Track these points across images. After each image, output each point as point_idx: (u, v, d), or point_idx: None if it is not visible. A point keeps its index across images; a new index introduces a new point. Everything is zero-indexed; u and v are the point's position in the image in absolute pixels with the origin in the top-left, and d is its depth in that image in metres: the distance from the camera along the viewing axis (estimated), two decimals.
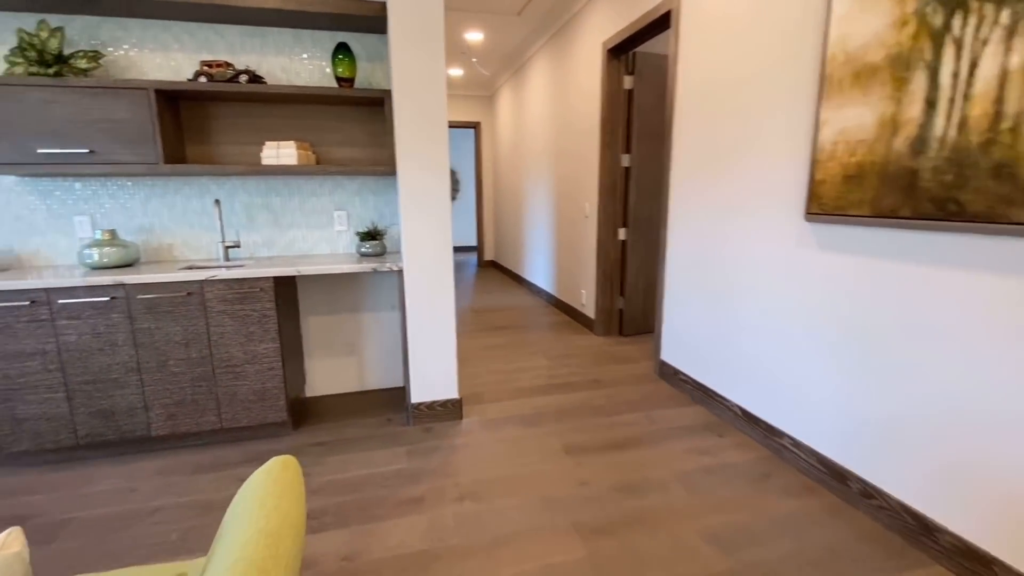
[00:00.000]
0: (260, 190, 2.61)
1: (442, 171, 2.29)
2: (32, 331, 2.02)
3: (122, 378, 2.13)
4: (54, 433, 2.11)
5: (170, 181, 2.50)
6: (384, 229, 2.81)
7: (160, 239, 2.53)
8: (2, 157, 2.08)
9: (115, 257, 2.27)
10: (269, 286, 2.21)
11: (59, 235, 2.42)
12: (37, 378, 2.05)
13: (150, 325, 2.12)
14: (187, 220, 2.55)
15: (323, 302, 2.78)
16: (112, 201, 2.45)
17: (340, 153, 2.67)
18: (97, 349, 2.09)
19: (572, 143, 4.27)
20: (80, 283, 2.01)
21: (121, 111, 2.15)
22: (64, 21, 2.26)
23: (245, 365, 2.25)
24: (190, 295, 2.14)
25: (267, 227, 2.65)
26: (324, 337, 2.81)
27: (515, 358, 3.45)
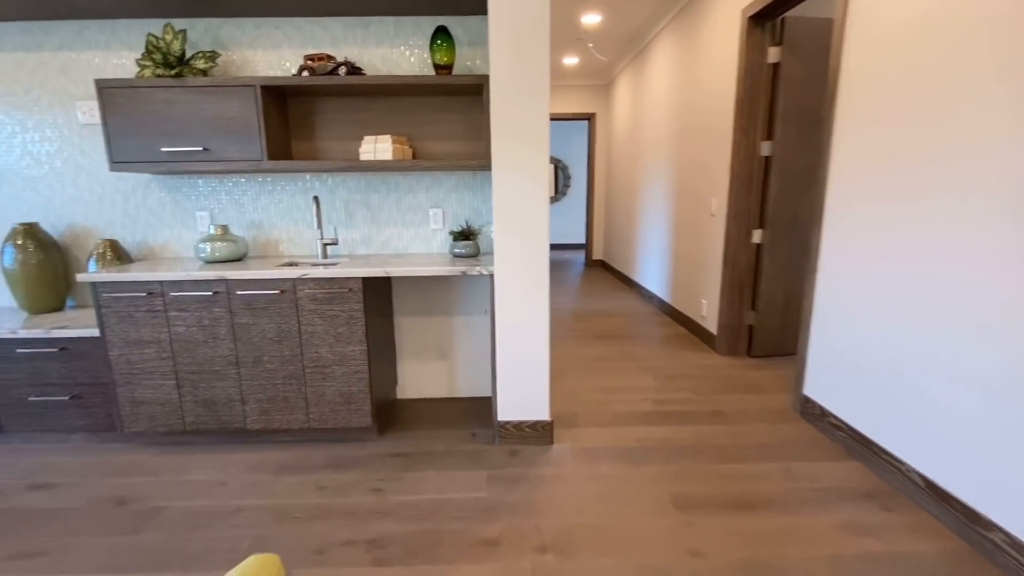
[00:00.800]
0: (360, 187, 2.55)
1: (540, 167, 2.01)
2: (149, 320, 2.13)
3: (222, 370, 2.18)
4: (165, 417, 2.22)
5: (277, 177, 2.54)
6: (479, 229, 2.61)
7: (268, 234, 2.59)
8: (134, 155, 2.22)
9: (225, 252, 2.34)
10: (358, 287, 2.11)
11: (184, 228, 2.58)
12: (152, 364, 2.17)
13: (247, 320, 2.13)
14: (292, 216, 2.57)
15: (416, 303, 2.66)
16: (228, 197, 2.55)
17: (438, 147, 2.51)
18: (202, 341, 2.15)
19: (698, 131, 3.73)
20: (187, 277, 2.08)
21: (231, 109, 2.19)
22: (189, 24, 2.37)
23: (333, 366, 2.18)
24: (283, 293, 2.11)
25: (365, 224, 2.59)
26: (416, 339, 2.70)
27: (618, 374, 3.07)
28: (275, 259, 2.47)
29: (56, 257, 2.44)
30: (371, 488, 1.94)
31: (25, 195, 2.52)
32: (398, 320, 2.68)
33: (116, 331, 2.13)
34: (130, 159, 2.23)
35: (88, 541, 1.67)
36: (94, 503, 1.87)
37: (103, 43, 2.37)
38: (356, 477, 2.02)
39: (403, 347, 2.71)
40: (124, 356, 2.16)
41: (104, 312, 2.12)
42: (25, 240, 2.36)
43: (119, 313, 2.12)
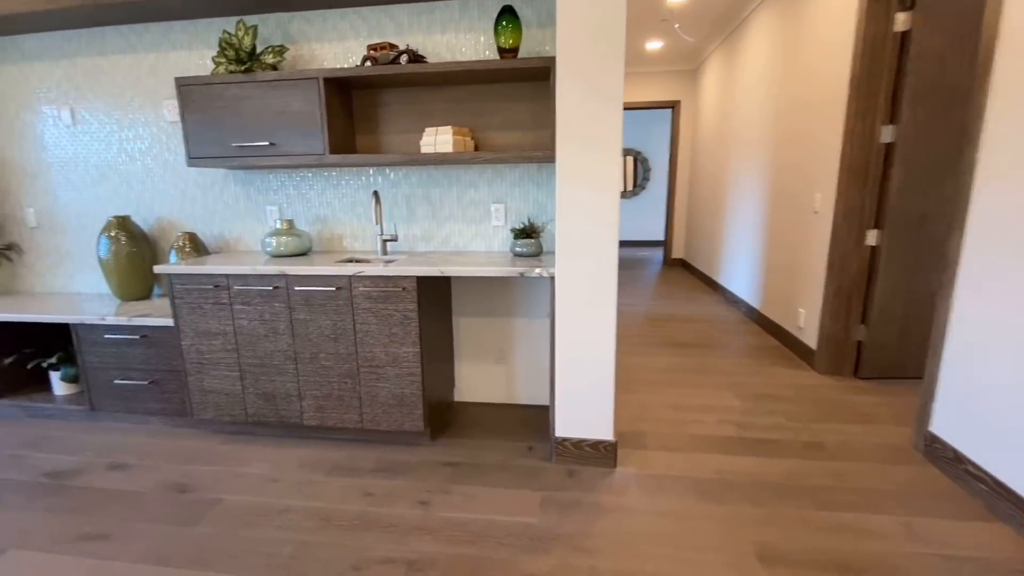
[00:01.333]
0: (421, 181, 2.46)
1: (611, 158, 1.78)
2: (216, 312, 2.17)
3: (281, 365, 2.18)
4: (229, 407, 2.27)
5: (341, 172, 2.51)
6: (542, 226, 2.42)
7: (332, 229, 2.58)
8: (208, 151, 2.28)
9: (290, 246, 2.34)
10: (412, 286, 2.01)
11: (255, 222, 2.63)
12: (219, 356, 2.22)
13: (305, 316, 2.11)
14: (355, 211, 2.54)
15: (475, 303, 2.53)
16: (295, 191, 2.57)
17: (501, 138, 2.35)
18: (263, 335, 2.16)
19: (800, 115, 3.27)
20: (250, 271, 2.09)
21: (295, 102, 2.17)
22: (261, 20, 2.39)
23: (386, 367, 2.11)
24: (339, 290, 2.06)
25: (425, 220, 2.50)
26: (474, 341, 2.57)
27: (696, 390, 2.76)
28: (338, 254, 2.45)
29: (145, 248, 2.59)
30: (417, 500, 1.83)
31: (121, 190, 2.70)
32: (457, 320, 2.57)
33: (187, 322, 2.20)
34: (205, 155, 2.29)
35: (147, 529, 1.71)
36: (160, 488, 1.93)
37: (186, 43, 2.46)
38: (404, 485, 1.92)
39: (461, 348, 2.60)
40: (195, 346, 2.23)
41: (177, 303, 2.19)
42: (118, 232, 2.51)
43: (190, 304, 2.18)
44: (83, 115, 2.62)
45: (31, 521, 1.75)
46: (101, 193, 2.72)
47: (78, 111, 2.62)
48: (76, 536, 1.67)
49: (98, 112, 2.61)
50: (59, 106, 2.63)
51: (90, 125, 2.64)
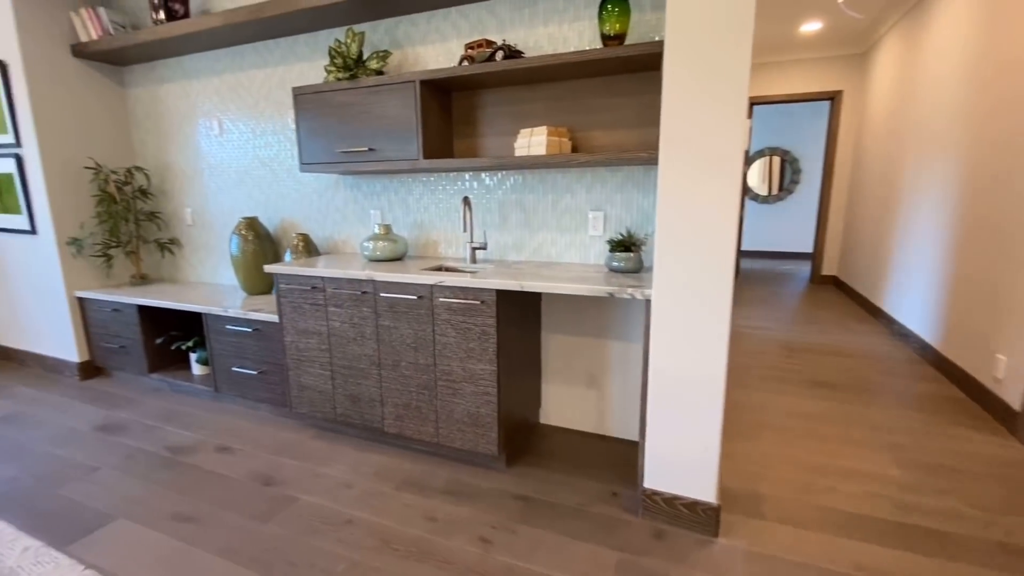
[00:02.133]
0: (515, 186, 2.30)
1: (730, 161, 1.44)
2: (313, 313, 2.25)
3: (367, 369, 2.18)
4: (321, 404, 2.34)
5: (438, 177, 2.46)
6: (643, 238, 2.11)
7: (428, 235, 2.55)
8: (318, 157, 2.37)
9: (386, 251, 2.35)
10: (491, 299, 1.86)
11: (360, 226, 2.71)
12: (314, 354, 2.30)
13: (389, 323, 2.08)
14: (450, 217, 2.47)
15: (566, 320, 2.31)
16: (395, 196, 2.58)
17: (603, 138, 2.10)
18: (351, 338, 2.18)
19: (1019, 100, 2.48)
20: (342, 275, 2.11)
21: (393, 107, 2.15)
22: (371, 27, 2.43)
23: (463, 383, 1.99)
24: (420, 299, 1.99)
25: (518, 228, 2.34)
26: (564, 361, 2.35)
27: (840, 446, 2.22)
28: (430, 261, 2.40)
29: (268, 247, 2.81)
30: (479, 536, 1.68)
31: (253, 193, 2.97)
32: (546, 337, 2.37)
33: (290, 319, 2.31)
34: (314, 160, 2.39)
35: (228, 519, 1.79)
36: (250, 478, 2.04)
37: (308, 55, 2.60)
38: (469, 515, 1.78)
39: (550, 367, 2.39)
40: (295, 343, 2.33)
41: (282, 301, 2.31)
42: (247, 231, 2.75)
43: (292, 303, 2.28)
44: (227, 125, 2.93)
45: (145, 492, 1.95)
46: (239, 195, 3.02)
47: (224, 122, 2.94)
48: (171, 514, 1.81)
49: (238, 122, 2.90)
50: (210, 117, 2.97)
51: (232, 134, 2.94)
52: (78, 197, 3.02)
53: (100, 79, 3.09)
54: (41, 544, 1.65)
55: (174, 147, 3.15)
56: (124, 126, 3.24)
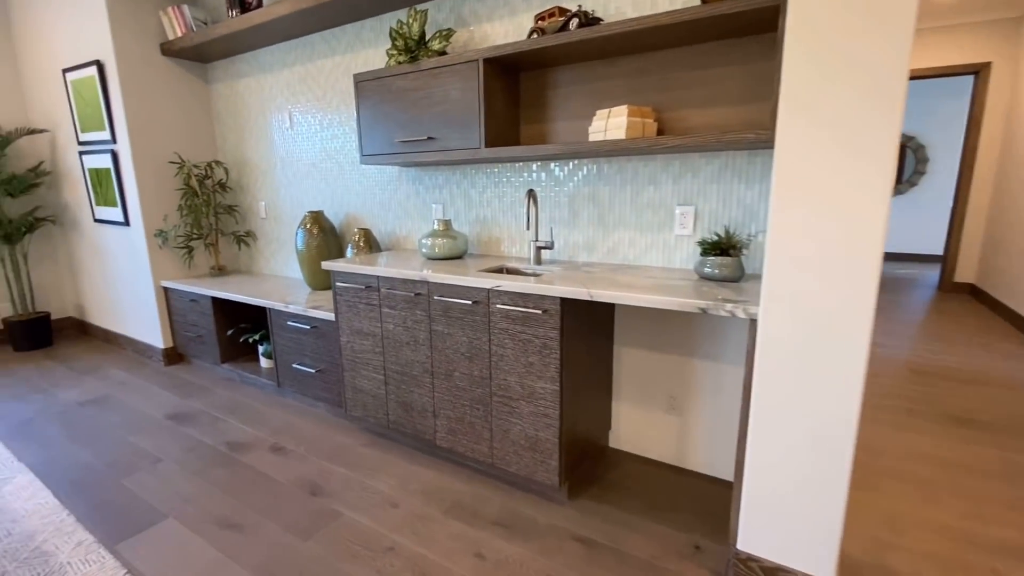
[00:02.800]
0: (589, 177, 2.02)
1: (881, 141, 1.07)
2: (367, 313, 2.12)
3: (420, 377, 2.02)
4: (375, 409, 2.22)
5: (503, 168, 2.23)
6: (746, 239, 1.74)
7: (491, 232, 2.33)
8: (377, 148, 2.24)
9: (444, 249, 2.17)
10: (555, 308, 1.60)
11: (422, 221, 2.55)
12: (368, 356, 2.17)
13: (443, 328, 1.89)
14: (514, 212, 2.24)
15: (644, 333, 1.99)
16: (457, 189, 2.39)
17: (697, 119, 1.75)
18: (405, 342, 2.02)
19: None
20: (395, 274, 1.96)
21: (454, 91, 1.95)
22: (435, 6, 2.24)
23: (520, 401, 1.75)
24: (476, 304, 1.78)
25: (591, 225, 2.05)
26: (640, 379, 2.04)
27: (1001, 509, 1.72)
28: (493, 260, 2.19)
29: (332, 241, 2.74)
30: None
31: (320, 186, 2.92)
32: (619, 350, 2.07)
33: (345, 318, 2.21)
34: (375, 152, 2.26)
35: (270, 531, 1.69)
36: (298, 485, 1.94)
37: (373, 40, 2.48)
38: (521, 555, 1.55)
39: (622, 385, 2.09)
40: (350, 343, 2.22)
41: (338, 299, 2.21)
42: (312, 225, 2.70)
43: (348, 302, 2.17)
44: (297, 118, 2.90)
45: (198, 490, 1.91)
46: (307, 189, 2.99)
47: (294, 114, 2.91)
48: (218, 519, 1.74)
49: (307, 115, 2.86)
50: (282, 111, 2.96)
51: (301, 127, 2.90)
52: (164, 191, 3.15)
53: (187, 76, 3.19)
54: (93, 540, 1.64)
55: (251, 141, 3.19)
56: (208, 122, 3.33)
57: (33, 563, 1.54)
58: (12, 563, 1.54)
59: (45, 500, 1.86)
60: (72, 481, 1.99)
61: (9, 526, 1.72)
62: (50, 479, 2.00)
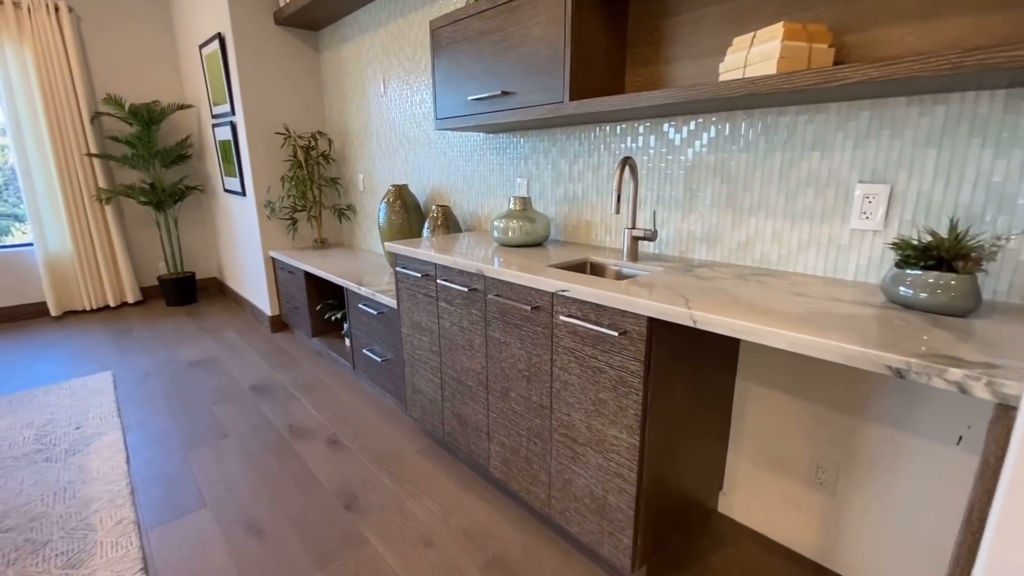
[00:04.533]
0: (718, 141, 1.43)
1: None
2: (425, 305, 1.81)
3: (474, 388, 1.66)
4: (430, 416, 1.93)
5: (602, 132, 1.72)
6: (988, 245, 1.03)
7: (580, 213, 1.85)
8: (451, 109, 1.88)
9: (518, 234, 1.76)
10: (639, 332, 1.10)
11: (504, 198, 2.16)
12: (426, 355, 1.87)
13: (499, 336, 1.50)
14: (611, 187, 1.73)
15: (785, 370, 1.38)
16: (544, 159, 1.94)
17: (911, 38, 1.07)
18: (460, 345, 1.67)
19: None
20: (452, 263, 1.60)
21: (537, 25, 1.49)
22: None
23: (586, 447, 1.30)
24: (536, 310, 1.35)
25: (714, 209, 1.46)
26: (772, 431, 1.43)
27: None
28: (578, 250, 1.72)
29: (414, 218, 2.49)
30: None
31: (409, 157, 2.68)
32: (744, 386, 1.48)
33: (405, 308, 1.93)
34: (448, 114, 1.90)
35: (290, 547, 1.49)
36: (338, 492, 1.74)
37: None
38: None
39: (745, 435, 1.50)
40: (410, 337, 1.95)
41: (399, 286, 1.94)
42: (395, 200, 2.47)
43: (409, 291, 1.89)
44: (391, 82, 2.67)
45: (243, 479, 1.81)
46: (396, 160, 2.77)
47: (388, 79, 2.69)
48: (247, 520, 1.60)
49: (397, 78, 2.61)
50: (376, 75, 2.76)
51: (393, 92, 2.67)
52: (274, 162, 3.19)
53: (298, 45, 3.16)
54: (132, 520, 1.59)
55: (352, 110, 3.08)
56: (316, 92, 3.30)
57: (74, 536, 1.53)
58: (59, 532, 1.55)
59: (117, 464, 1.90)
60: (148, 446, 2.03)
61: (79, 487, 1.76)
62: (132, 441, 2.07)
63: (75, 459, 1.93)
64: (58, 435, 2.10)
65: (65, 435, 2.10)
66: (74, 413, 2.28)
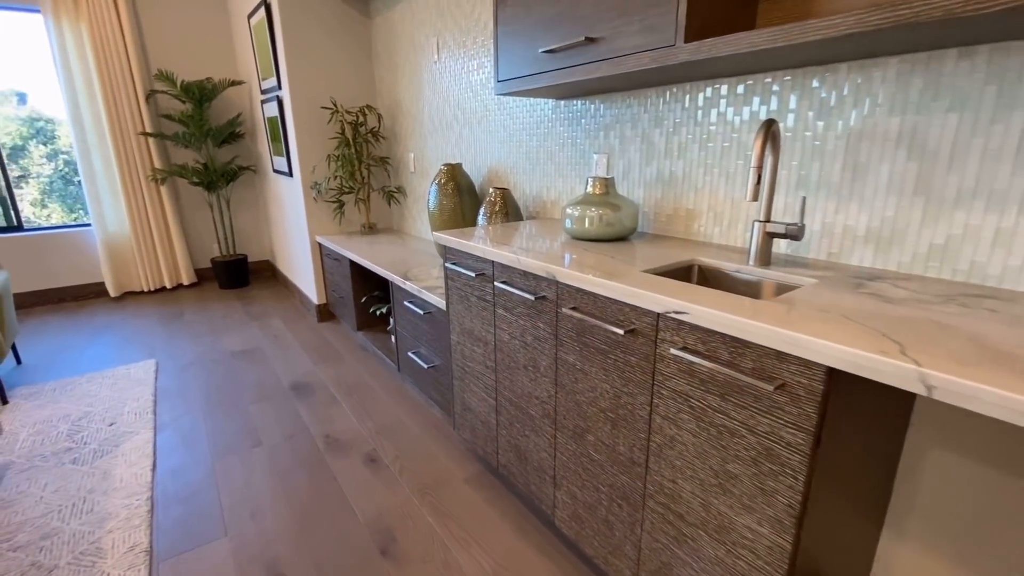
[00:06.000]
0: (899, 96, 0.98)
1: None
2: (479, 310, 1.48)
3: (538, 420, 1.32)
4: (483, 440, 1.62)
5: (714, 91, 1.30)
6: None
7: (679, 198, 1.45)
8: (516, 69, 1.51)
9: (597, 224, 1.38)
10: (810, 387, 0.71)
11: (578, 179, 1.78)
12: (479, 369, 1.55)
13: (574, 360, 1.14)
14: (725, 166, 1.31)
15: (991, 433, 0.93)
16: (632, 131, 1.54)
17: None
18: (522, 364, 1.34)
19: None
20: (512, 262, 1.26)
21: None
22: None
23: (698, 528, 0.93)
24: (631, 334, 0.98)
25: (891, 194, 1.02)
26: (953, 512, 1.00)
27: None
28: (678, 247, 1.33)
29: (467, 203, 2.17)
30: None
31: (464, 132, 2.34)
32: (917, 447, 1.04)
33: (455, 311, 1.61)
34: (512, 75, 1.54)
35: None
36: (373, 527, 1.47)
37: None
38: None
39: (913, 511, 1.07)
40: (460, 345, 1.63)
41: (449, 284, 1.62)
42: (447, 181, 2.16)
43: (459, 291, 1.57)
44: (445, 47, 2.33)
45: (270, 502, 1.58)
46: (450, 136, 2.45)
47: (442, 42, 2.35)
48: (267, 562, 1.36)
49: (452, 41, 2.26)
50: (430, 39, 2.43)
51: (447, 58, 2.33)
52: (320, 140, 2.96)
53: (347, 10, 2.87)
54: (144, 548, 1.39)
55: (403, 81, 2.77)
56: (367, 63, 3.02)
57: (82, 563, 1.35)
58: (68, 556, 1.37)
59: (143, 471, 1.73)
60: (177, 451, 1.85)
61: (99, 498, 1.60)
62: (163, 443, 1.91)
63: (102, 462, 1.78)
64: (91, 431, 1.97)
65: (97, 432, 1.97)
66: (111, 406, 2.16)
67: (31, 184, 3.60)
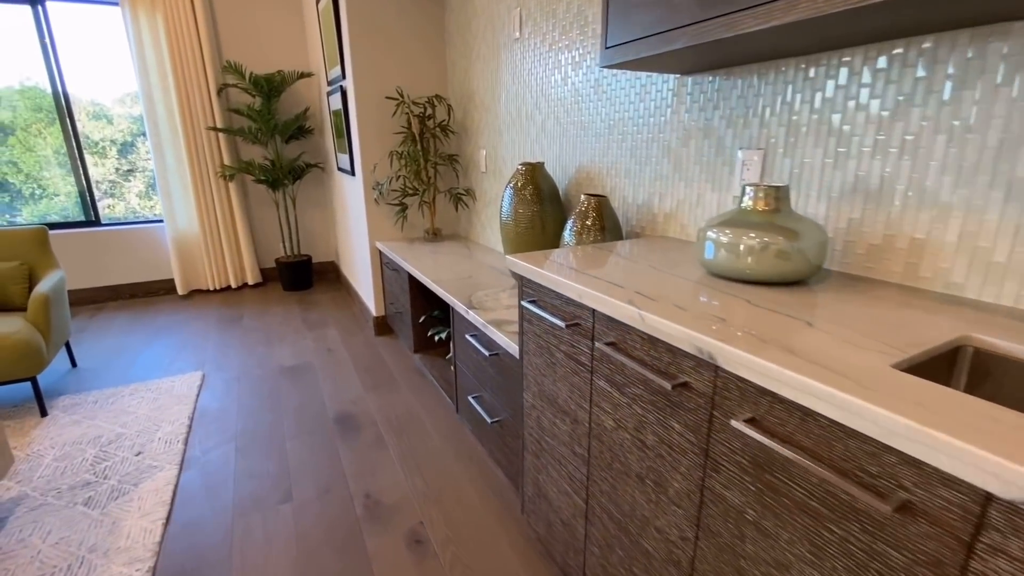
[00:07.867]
0: None
1: None
2: (567, 372, 1.04)
3: (658, 564, 0.86)
4: (562, 543, 1.17)
5: (957, 41, 0.76)
6: None
7: (894, 220, 0.91)
8: (636, 30, 1.05)
9: (762, 260, 0.89)
10: None
11: (709, 185, 1.28)
12: (562, 451, 1.11)
13: (741, 501, 0.67)
14: (1010, 170, 0.77)
15: None
16: (808, 114, 1.02)
17: None
18: (635, 473, 0.88)
19: None
20: (633, 320, 0.80)
21: None
22: None
23: None
24: (906, 511, 0.49)
25: None
26: None
27: None
28: (899, 297, 0.81)
29: (551, 212, 1.74)
30: None
31: (548, 125, 1.91)
32: None
33: (532, 364, 1.18)
34: (629, 38, 1.07)
35: None
36: None
37: None
38: None
39: None
40: (536, 409, 1.20)
41: (524, 326, 1.19)
42: (525, 185, 1.74)
43: (538, 338, 1.13)
44: (529, 20, 1.91)
45: None
46: (531, 130, 2.02)
47: (526, 15, 1.92)
48: None
49: (536, 12, 1.83)
50: (511, 11, 2.01)
51: (529, 32, 1.90)
52: (386, 135, 2.64)
53: None
54: None
55: (478, 65, 2.38)
56: (439, 45, 2.66)
57: None
58: None
59: (152, 527, 1.45)
60: (197, 500, 1.57)
61: (98, 562, 1.33)
62: (185, 485, 1.64)
63: (115, 506, 1.53)
64: (116, 461, 1.75)
65: (123, 463, 1.74)
66: (145, 428, 1.95)
67: (137, 177, 3.64)
